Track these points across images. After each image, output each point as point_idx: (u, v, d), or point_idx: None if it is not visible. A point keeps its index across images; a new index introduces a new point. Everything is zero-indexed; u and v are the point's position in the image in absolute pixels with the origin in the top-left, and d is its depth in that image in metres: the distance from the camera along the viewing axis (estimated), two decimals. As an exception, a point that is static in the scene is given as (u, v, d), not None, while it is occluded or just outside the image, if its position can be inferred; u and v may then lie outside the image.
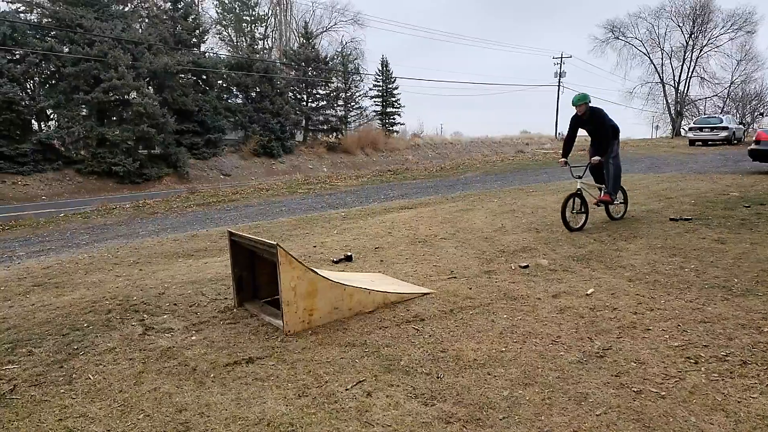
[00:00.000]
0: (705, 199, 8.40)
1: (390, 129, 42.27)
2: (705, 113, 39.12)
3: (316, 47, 38.65)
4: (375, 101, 42.08)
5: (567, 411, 2.48)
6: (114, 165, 22.92)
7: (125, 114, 24.26)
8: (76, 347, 3.49)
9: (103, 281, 5.36)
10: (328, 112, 36.72)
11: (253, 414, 2.56)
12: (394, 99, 41.99)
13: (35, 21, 24.17)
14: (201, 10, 36.78)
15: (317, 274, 3.68)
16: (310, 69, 35.42)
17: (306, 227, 8.21)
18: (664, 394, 2.60)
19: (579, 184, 6.63)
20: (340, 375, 2.94)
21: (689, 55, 41.71)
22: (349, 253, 5.80)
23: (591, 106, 6.65)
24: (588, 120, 6.66)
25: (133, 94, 23.94)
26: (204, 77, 29.08)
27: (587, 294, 4.16)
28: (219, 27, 40.86)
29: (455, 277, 4.81)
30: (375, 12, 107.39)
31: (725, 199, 8.30)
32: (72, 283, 5.35)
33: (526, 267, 5.02)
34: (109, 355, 3.34)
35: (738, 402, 2.50)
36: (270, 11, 44.15)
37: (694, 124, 27.35)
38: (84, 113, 23.90)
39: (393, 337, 3.45)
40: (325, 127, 36.65)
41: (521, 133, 55.75)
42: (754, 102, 44.04)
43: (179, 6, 28.98)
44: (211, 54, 33.72)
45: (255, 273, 4.27)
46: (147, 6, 29.69)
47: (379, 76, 41.50)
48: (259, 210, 10.93)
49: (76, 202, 18.12)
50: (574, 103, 6.64)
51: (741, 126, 29.30)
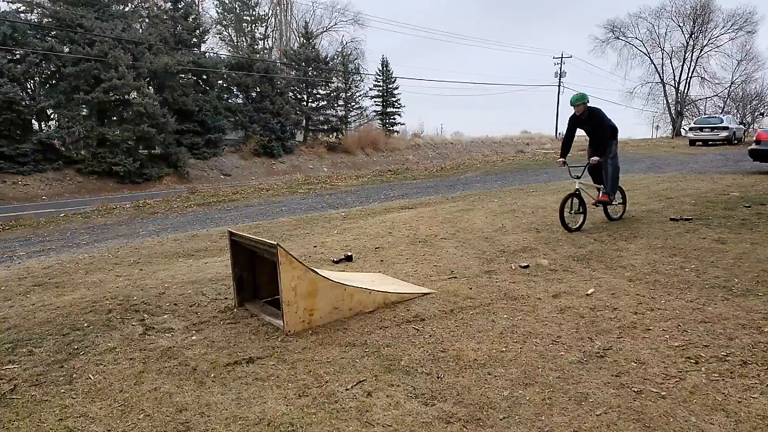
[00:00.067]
0: (705, 199, 8.40)
1: (390, 129, 42.27)
2: (705, 113, 39.12)
3: (316, 47, 38.67)
4: (375, 101, 42.14)
5: (567, 411, 2.48)
6: (114, 165, 22.94)
7: (125, 114, 24.28)
8: (76, 347, 3.49)
9: (104, 281, 5.36)
10: (328, 112, 36.73)
11: (254, 414, 2.56)
12: (394, 99, 42.00)
13: (35, 21, 24.19)
14: (201, 10, 36.84)
15: (317, 274, 3.68)
16: (310, 69, 35.43)
17: (306, 227, 8.21)
18: (664, 394, 2.60)
19: (577, 184, 6.62)
20: (340, 375, 2.94)
21: (689, 55, 41.75)
22: (350, 253, 5.80)
23: (589, 106, 6.64)
24: (586, 120, 6.66)
25: (134, 94, 23.95)
26: (204, 77, 29.09)
27: (587, 294, 4.16)
28: (219, 27, 40.87)
29: (455, 277, 4.81)
30: (375, 12, 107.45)
31: (726, 199, 8.30)
32: (72, 283, 5.35)
33: (526, 267, 5.02)
34: (110, 355, 3.34)
35: (738, 402, 2.50)
36: (270, 11, 44.18)
37: (694, 124, 27.33)
38: (84, 113, 23.92)
39: (393, 337, 3.45)
40: (326, 127, 36.66)
41: (522, 133, 55.78)
42: (754, 102, 44.14)
43: (179, 6, 28.99)
44: (212, 54, 33.75)
45: (255, 273, 4.27)
46: (147, 6, 29.71)
47: (380, 76, 41.52)
48: (260, 210, 10.93)
49: (76, 202, 18.13)
50: (572, 103, 6.64)
51: (741, 126, 29.28)
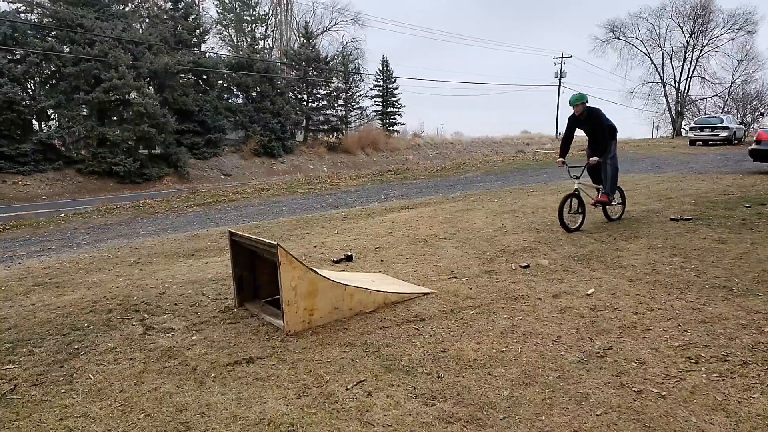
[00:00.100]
0: (705, 199, 8.40)
1: (390, 129, 42.26)
2: (705, 113, 39.12)
3: (316, 47, 38.68)
4: (375, 101, 42.13)
5: (567, 411, 2.48)
6: (114, 165, 22.95)
7: (126, 114, 24.29)
8: (76, 347, 3.49)
9: (104, 281, 5.36)
10: (328, 112, 36.73)
11: (254, 414, 2.56)
12: (394, 99, 41.99)
13: (36, 21, 24.19)
14: (201, 10, 36.84)
15: (318, 274, 3.68)
16: (310, 69, 35.43)
17: (306, 227, 8.21)
18: (664, 394, 2.60)
19: (576, 184, 6.61)
20: (340, 375, 2.94)
21: (690, 55, 41.76)
22: (350, 253, 5.80)
23: (588, 106, 6.64)
24: (585, 120, 6.66)
25: (134, 94, 23.96)
26: (204, 77, 29.10)
27: (588, 294, 4.16)
28: (219, 27, 40.88)
29: (456, 277, 4.81)
30: (375, 12, 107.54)
31: (726, 199, 8.30)
32: (72, 283, 5.35)
33: (526, 267, 5.02)
34: (110, 355, 3.34)
35: (738, 402, 2.50)
36: (270, 11, 44.17)
37: (694, 124, 27.31)
38: (84, 113, 23.93)
39: (393, 337, 3.45)
40: (326, 127, 36.66)
41: (522, 133, 55.79)
42: (754, 102, 44.15)
43: (180, 6, 29.00)
44: (212, 54, 33.76)
45: (255, 273, 4.27)
46: (147, 6, 29.72)
47: (380, 76, 41.51)
48: (260, 210, 10.93)
49: (76, 201, 18.13)
50: (571, 103, 6.63)
51: (741, 126, 29.27)
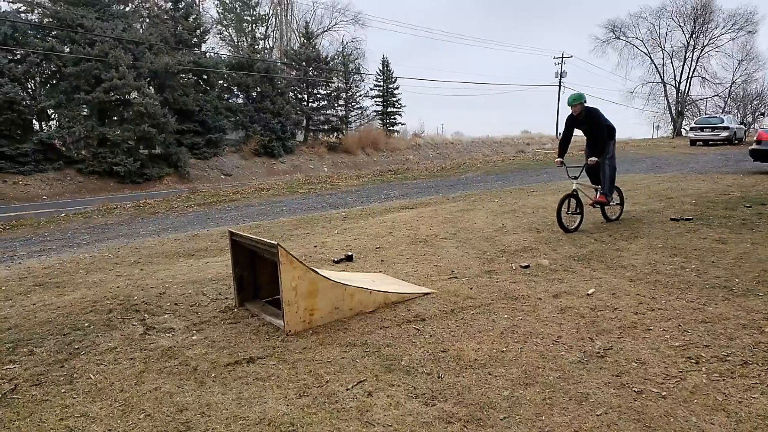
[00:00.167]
0: (706, 199, 8.40)
1: (391, 129, 42.28)
2: (706, 113, 39.10)
3: (316, 47, 38.70)
4: (376, 101, 42.16)
5: (568, 411, 2.48)
6: (115, 165, 22.96)
7: (126, 114, 24.31)
8: (77, 347, 3.49)
9: (104, 281, 5.36)
10: (328, 111, 36.75)
11: (254, 414, 2.56)
12: (394, 99, 42.02)
13: (36, 21, 24.20)
14: (202, 10, 36.85)
15: (318, 273, 3.68)
16: (310, 69, 35.44)
17: (307, 227, 8.21)
18: (665, 394, 2.60)
19: (575, 184, 6.60)
20: (340, 375, 2.94)
21: (690, 55, 41.75)
22: (350, 253, 5.80)
23: (587, 106, 6.62)
24: (584, 120, 6.64)
25: (134, 93, 23.98)
26: (205, 77, 29.12)
27: (588, 294, 4.16)
28: (220, 27, 40.91)
29: (456, 277, 4.81)
30: (375, 12, 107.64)
31: (726, 199, 8.29)
32: (73, 283, 5.35)
33: (526, 267, 5.02)
34: (110, 355, 3.35)
35: (739, 402, 2.50)
36: (271, 11, 44.19)
37: (695, 124, 27.30)
38: (85, 113, 23.95)
39: (394, 337, 3.45)
40: (326, 127, 36.67)
41: (522, 133, 55.81)
42: (755, 102, 44.11)
43: (180, 6, 29.02)
44: (212, 54, 33.77)
45: (256, 273, 4.27)
46: (148, 6, 29.73)
47: (380, 76, 41.54)
48: (260, 210, 10.93)
49: (76, 201, 18.14)
50: (569, 103, 6.63)
51: (742, 126, 29.27)
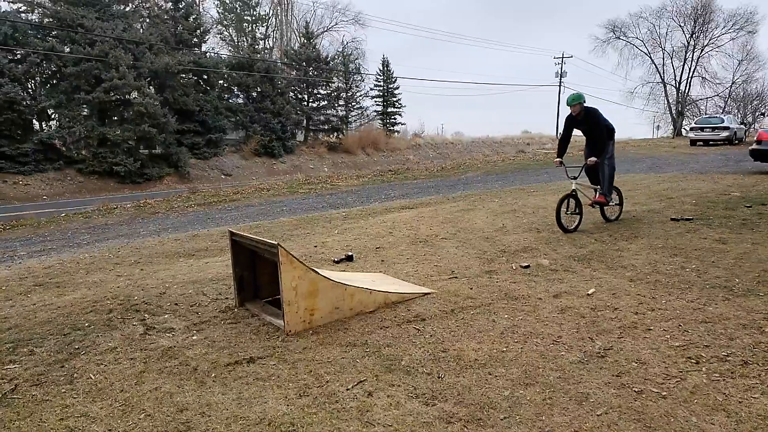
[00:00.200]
0: (706, 199, 8.39)
1: (391, 129, 42.29)
2: (706, 113, 39.09)
3: (317, 47, 38.71)
4: (376, 101, 42.18)
5: (568, 411, 2.48)
6: (115, 165, 22.97)
7: (126, 114, 24.31)
8: (77, 347, 3.49)
9: (104, 281, 5.37)
10: (329, 111, 36.75)
11: (254, 414, 2.56)
12: (395, 99, 42.04)
13: (36, 21, 24.21)
14: (202, 10, 36.86)
15: (318, 273, 3.68)
16: (311, 69, 35.44)
17: (307, 227, 8.21)
18: (665, 394, 2.60)
19: (574, 185, 6.60)
20: (341, 375, 2.94)
21: (690, 55, 41.74)
22: (350, 253, 5.80)
23: (586, 106, 6.61)
24: (583, 120, 6.63)
25: (134, 93, 23.98)
26: (205, 77, 29.12)
27: (588, 294, 4.16)
28: (220, 27, 40.93)
29: (456, 277, 4.81)
30: (375, 12, 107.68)
31: (726, 199, 8.29)
32: (73, 283, 5.35)
33: (527, 267, 5.02)
34: (111, 355, 3.35)
35: (739, 402, 2.50)
36: (271, 11, 44.20)
37: (695, 124, 27.29)
38: (85, 113, 23.96)
39: (394, 337, 3.45)
40: (326, 127, 36.68)
41: (522, 133, 55.82)
42: (755, 102, 44.08)
43: (180, 6, 29.03)
44: (212, 54, 33.78)
45: (256, 273, 4.27)
46: (148, 6, 29.73)
47: (380, 76, 41.56)
48: (260, 210, 10.93)
49: (77, 201, 18.15)
50: (568, 103, 6.62)
51: (742, 126, 29.27)
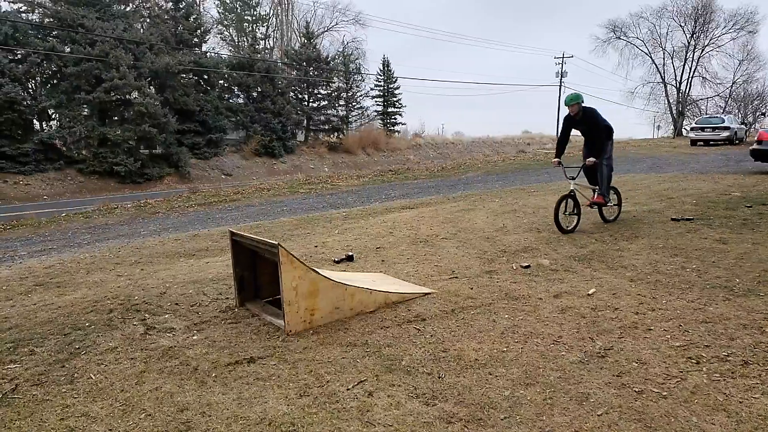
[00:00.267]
0: (707, 199, 8.39)
1: (391, 129, 42.30)
2: (707, 113, 39.09)
3: (317, 47, 38.73)
4: (376, 101, 42.21)
5: (568, 411, 2.48)
6: (115, 165, 22.98)
7: (127, 114, 24.33)
8: (77, 347, 3.50)
9: (105, 281, 5.37)
10: (329, 111, 36.77)
11: (255, 413, 2.56)
12: (395, 99, 42.06)
13: (37, 21, 24.23)
14: (202, 10, 36.90)
15: (319, 273, 3.68)
16: (311, 69, 35.46)
17: (307, 227, 8.21)
18: (665, 394, 2.60)
19: (572, 185, 6.58)
20: (341, 375, 2.94)
21: (691, 55, 41.75)
22: (351, 253, 5.80)
23: (584, 106, 6.58)
24: (581, 120, 6.60)
25: (135, 93, 24.00)
26: (205, 77, 29.14)
27: (589, 294, 4.16)
28: (220, 27, 40.98)
29: (456, 277, 4.80)
30: (376, 12, 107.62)
31: (727, 199, 8.28)
32: (73, 283, 5.36)
33: (527, 267, 5.01)
34: (111, 355, 3.35)
35: (740, 402, 2.50)
36: (271, 11, 44.23)
37: (695, 124, 27.28)
38: (85, 113, 23.98)
39: (394, 337, 3.45)
40: (327, 127, 36.69)
41: (523, 133, 55.83)
42: (756, 102, 44.11)
43: (181, 6, 29.04)
44: (213, 54, 33.82)
45: (256, 273, 4.27)
46: (148, 6, 29.75)
47: (381, 75, 41.58)
48: (261, 210, 10.93)
49: (77, 201, 18.15)
50: (566, 103, 6.60)
51: (743, 126, 29.25)
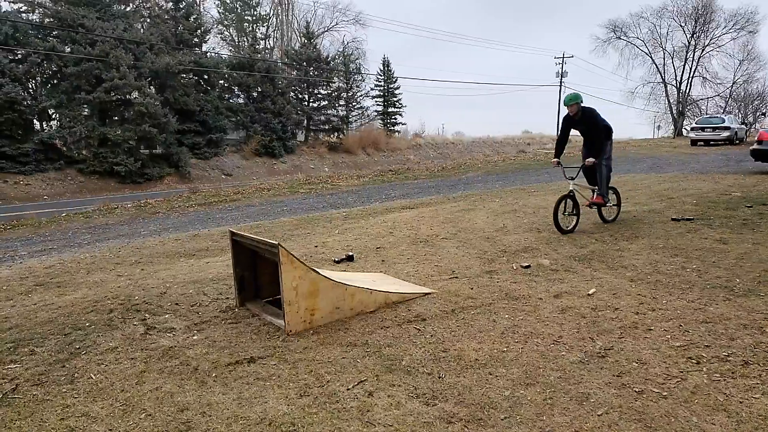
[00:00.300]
0: (707, 199, 8.39)
1: (391, 129, 42.30)
2: (707, 113, 39.07)
3: (317, 47, 38.74)
4: (376, 101, 42.20)
5: (568, 411, 2.48)
6: (116, 165, 22.98)
7: (127, 114, 24.33)
8: (77, 347, 3.50)
9: (105, 281, 5.37)
10: (329, 111, 36.77)
11: (255, 413, 2.57)
12: (395, 99, 42.05)
13: (37, 21, 24.24)
14: (202, 9, 36.91)
15: (319, 273, 3.68)
16: (311, 69, 35.45)
17: (307, 227, 8.21)
18: (665, 394, 2.60)
19: (571, 185, 6.57)
20: (341, 375, 2.94)
21: (691, 55, 41.72)
22: (351, 253, 5.80)
23: (583, 106, 6.57)
24: (580, 120, 6.60)
25: (135, 93, 23.99)
26: (205, 77, 29.13)
27: (589, 294, 4.16)
28: (220, 27, 40.98)
29: (457, 277, 4.80)
30: (376, 12, 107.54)
31: (727, 199, 8.28)
32: (74, 283, 5.36)
33: (527, 267, 5.01)
34: (111, 355, 3.35)
35: (740, 402, 2.50)
36: (271, 11, 44.23)
37: (696, 124, 27.28)
38: (86, 113, 23.98)
39: (394, 337, 3.45)
40: (327, 127, 36.68)
41: (523, 133, 55.83)
42: (756, 102, 44.08)
43: (181, 6, 29.04)
44: (213, 54, 33.82)
45: (257, 273, 4.27)
46: (149, 6, 29.76)
47: (381, 75, 41.57)
48: (261, 210, 10.94)
49: (77, 201, 18.16)
50: (565, 103, 6.59)
51: (743, 126, 29.26)
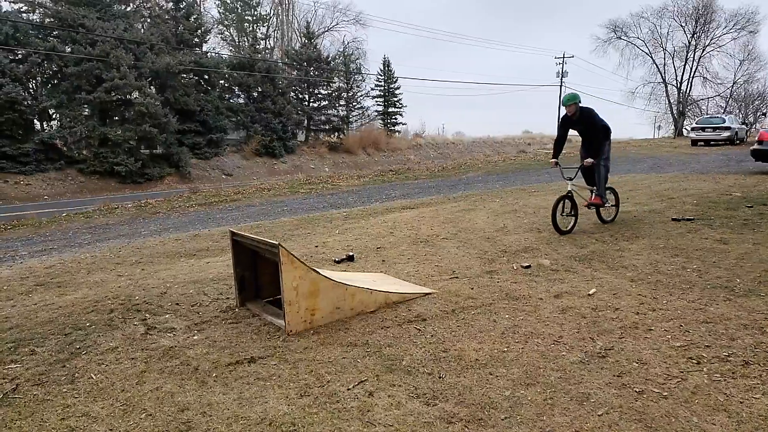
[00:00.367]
0: (707, 200, 8.38)
1: (392, 129, 42.30)
2: (707, 113, 39.05)
3: (317, 47, 38.75)
4: (377, 101, 42.22)
5: (569, 411, 2.48)
6: (116, 165, 22.99)
7: (127, 114, 24.34)
8: (78, 347, 3.50)
9: (106, 281, 5.37)
10: (329, 111, 36.77)
11: (255, 413, 2.57)
12: (396, 99, 42.07)
13: (37, 21, 24.25)
14: (203, 9, 36.94)
15: (319, 273, 3.68)
16: (311, 69, 35.46)
17: (308, 227, 8.21)
18: (666, 394, 2.60)
19: (570, 186, 6.56)
20: (342, 375, 2.94)
21: (692, 55, 41.64)
22: (351, 253, 5.81)
23: (581, 106, 6.55)
24: (578, 120, 6.58)
25: (135, 93, 24.01)
26: (206, 77, 29.14)
27: (589, 294, 4.15)
28: (221, 27, 41.00)
29: (457, 277, 4.80)
30: (376, 12, 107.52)
31: (728, 200, 8.28)
32: (74, 283, 5.36)
33: (528, 267, 5.01)
34: (112, 355, 3.35)
35: (740, 402, 2.50)
36: (272, 11, 44.25)
37: (696, 124, 27.27)
38: (86, 113, 23.99)
39: (395, 337, 3.45)
40: (327, 127, 36.69)
41: (523, 133, 55.82)
42: (756, 102, 44.04)
43: (181, 6, 29.05)
44: (213, 54, 33.83)
45: (257, 273, 4.27)
46: (149, 6, 29.78)
47: (381, 75, 41.58)
48: (261, 210, 10.94)
49: (78, 201, 18.16)
50: (564, 103, 6.58)
51: (743, 126, 29.25)
